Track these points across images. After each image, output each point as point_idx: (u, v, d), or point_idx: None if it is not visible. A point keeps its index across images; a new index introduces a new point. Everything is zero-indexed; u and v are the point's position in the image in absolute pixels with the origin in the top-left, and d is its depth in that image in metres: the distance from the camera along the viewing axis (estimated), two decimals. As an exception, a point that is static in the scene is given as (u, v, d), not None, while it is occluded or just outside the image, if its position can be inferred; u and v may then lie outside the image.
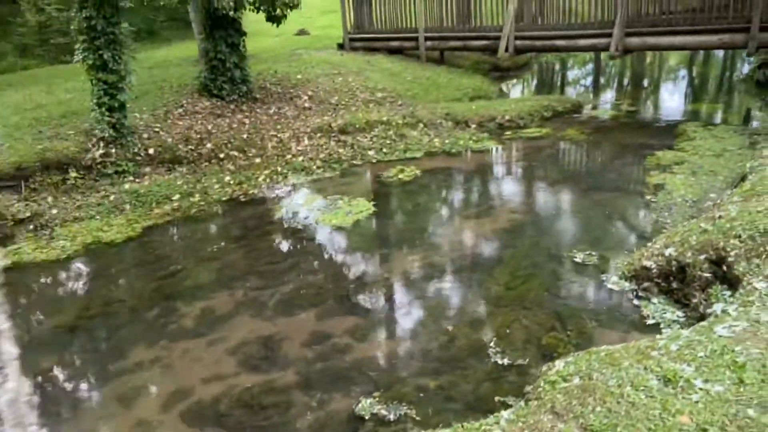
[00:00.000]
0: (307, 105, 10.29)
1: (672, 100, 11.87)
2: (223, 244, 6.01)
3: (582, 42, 11.89)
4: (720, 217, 4.54)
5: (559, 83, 14.87)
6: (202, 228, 6.49)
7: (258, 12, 9.57)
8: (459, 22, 13.31)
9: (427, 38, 13.60)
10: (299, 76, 11.40)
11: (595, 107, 10.97)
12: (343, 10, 14.41)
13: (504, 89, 13.11)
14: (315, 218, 6.43)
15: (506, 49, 12.56)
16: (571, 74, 15.64)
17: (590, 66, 16.35)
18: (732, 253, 4.04)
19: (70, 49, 10.22)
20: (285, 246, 5.93)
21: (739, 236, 4.11)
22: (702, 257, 4.22)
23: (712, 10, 10.65)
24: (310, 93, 10.67)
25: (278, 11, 9.21)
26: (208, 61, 9.40)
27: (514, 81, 14.59)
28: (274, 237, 6.13)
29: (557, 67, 16.49)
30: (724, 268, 4.03)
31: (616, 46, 11.28)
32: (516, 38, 12.48)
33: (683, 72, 15.22)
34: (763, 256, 3.87)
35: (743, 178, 5.85)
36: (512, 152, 8.48)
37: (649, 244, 4.86)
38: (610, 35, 11.29)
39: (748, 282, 3.74)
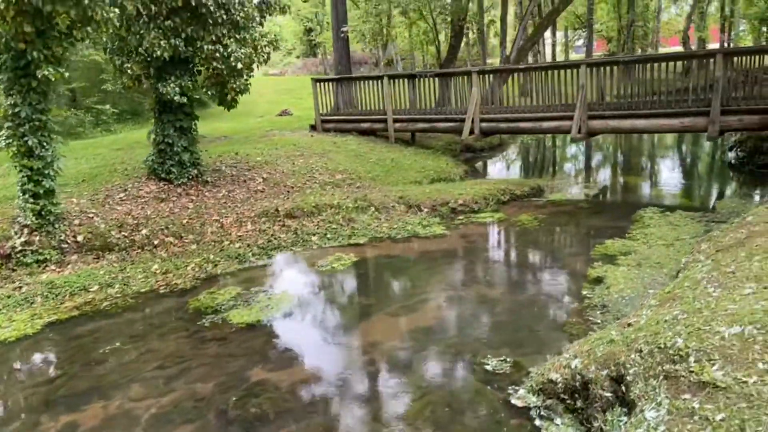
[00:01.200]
0: (260, 188, 10.11)
1: (639, 183, 11.63)
2: (118, 344, 5.58)
3: (546, 124, 11.83)
4: (629, 325, 4.10)
5: (528, 164, 14.73)
6: (106, 324, 6.08)
7: (210, 96, 9.58)
8: (427, 104, 13.38)
9: (395, 120, 13.66)
10: (259, 158, 11.32)
11: (557, 190, 10.71)
12: (314, 93, 14.60)
13: (470, 171, 12.94)
14: (226, 314, 6.02)
15: (472, 132, 12.53)
16: (544, 155, 15.52)
17: (566, 147, 16.29)
18: (631, 371, 3.57)
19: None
20: (183, 347, 5.48)
21: (641, 351, 3.65)
22: (604, 373, 3.75)
23: (672, 94, 10.60)
24: (265, 175, 10.53)
25: (228, 97, 9.19)
26: (156, 144, 9.32)
27: (484, 162, 14.48)
28: (175, 336, 5.70)
29: (532, 147, 16.45)
30: (623, 388, 3.56)
31: (578, 128, 11.18)
32: (482, 120, 12.47)
33: (658, 153, 15.09)
34: (660, 377, 3.39)
35: (677, 274, 5.44)
36: (457, 240, 8.13)
37: (563, 353, 4.40)
38: (572, 118, 11.22)
39: (641, 409, 3.26)
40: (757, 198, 9.16)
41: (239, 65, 8.78)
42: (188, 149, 9.45)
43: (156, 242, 8.11)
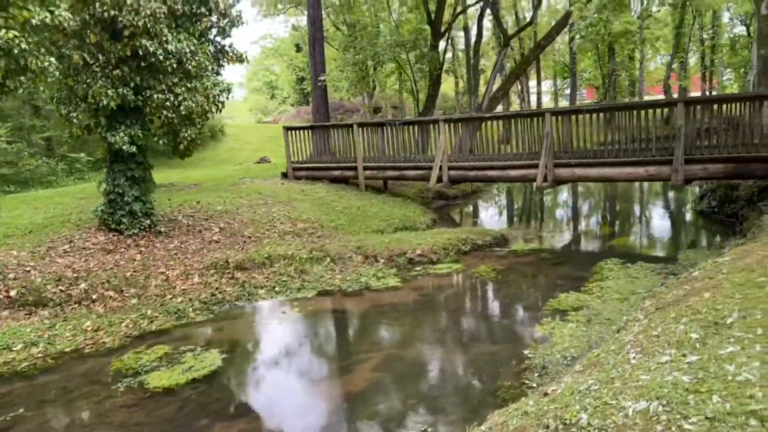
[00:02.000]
0: (215, 238, 9.84)
1: (607, 231, 11.39)
2: (22, 410, 5.19)
3: (513, 173, 11.67)
4: (546, 394, 3.77)
5: (499, 212, 14.53)
6: (20, 387, 5.69)
7: (163, 144, 9.43)
8: (396, 152, 13.27)
9: (366, 168, 13.52)
10: (220, 207, 11.09)
11: (522, 239, 10.45)
12: (286, 141, 14.52)
13: (438, 219, 12.72)
14: (145, 376, 5.64)
15: (440, 180, 12.37)
16: (517, 203, 15.32)
17: (542, 194, 16.13)
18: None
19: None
20: (89, 415, 5.10)
21: (548, 426, 3.31)
22: (512, 451, 3.41)
23: (637, 142, 10.49)
24: (222, 225, 10.28)
25: (181, 146, 9.04)
26: (107, 194, 9.10)
27: (454, 210, 14.29)
28: (85, 402, 5.32)
29: (507, 194, 16.30)
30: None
31: (544, 176, 11.02)
32: (450, 168, 12.33)
33: (637, 200, 14.93)
34: (557, 461, 3.05)
35: (618, 332, 5.12)
36: (410, 293, 7.81)
37: (483, 424, 4.05)
38: (538, 166, 11.08)
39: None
40: (720, 249, 8.89)
41: (192, 114, 8.66)
42: (140, 199, 9.23)
43: (95, 297, 7.78)
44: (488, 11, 20.54)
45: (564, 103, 43.03)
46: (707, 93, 29.45)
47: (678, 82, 29.69)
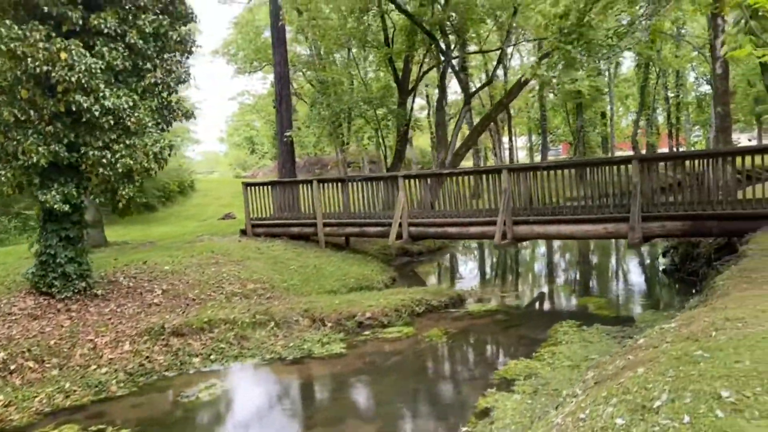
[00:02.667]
0: (156, 301, 9.32)
1: (569, 290, 11.09)
2: None
3: (473, 229, 11.44)
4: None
5: (462, 270, 14.20)
6: None
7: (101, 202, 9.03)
8: (357, 208, 13.00)
9: (326, 224, 13.21)
10: (167, 267, 10.60)
11: (480, 299, 10.05)
12: (245, 197, 14.22)
13: (399, 277, 12.35)
14: (38, 464, 5.06)
15: (400, 236, 12.08)
16: (482, 260, 15.01)
17: (508, 251, 15.86)
18: None
19: None
20: None
21: None
22: None
23: (595, 200, 10.35)
24: (166, 287, 9.78)
25: (120, 204, 8.65)
26: (38, 255, 8.60)
27: (418, 267, 13.94)
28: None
29: (472, 251, 16.02)
30: None
31: (503, 234, 10.78)
32: (410, 225, 12.06)
33: (603, 257, 14.73)
34: None
35: (557, 409, 4.70)
36: (353, 361, 7.33)
37: None
38: (502, 223, 10.85)
39: None
40: (679, 310, 8.59)
41: (131, 172, 8.32)
42: (75, 260, 8.73)
43: (13, 367, 7.16)
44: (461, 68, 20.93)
45: (540, 159, 43.58)
46: (674, 149, 30.02)
47: (646, 138, 30.26)
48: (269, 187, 14.39)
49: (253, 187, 14.43)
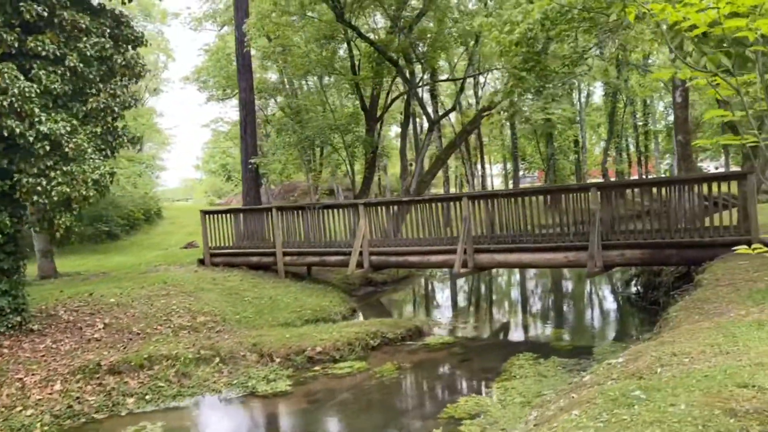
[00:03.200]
0: (97, 335, 8.82)
1: (530, 321, 10.85)
2: None
3: (434, 258, 11.19)
4: None
5: (424, 300, 13.90)
6: None
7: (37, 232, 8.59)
8: (318, 237, 12.67)
9: (285, 253, 12.84)
10: (113, 300, 10.11)
11: (438, 331, 9.73)
12: (203, 225, 13.83)
13: (359, 309, 12.01)
14: None
15: (361, 265, 11.77)
16: (447, 290, 14.71)
17: (476, 280, 15.62)
18: None
19: None
20: None
21: None
22: None
23: (556, 228, 10.19)
24: (109, 320, 9.29)
25: (58, 234, 8.22)
26: (-32, 289, 8.10)
27: (382, 297, 13.61)
28: None
29: (440, 280, 15.76)
30: None
31: (464, 262, 10.54)
32: (371, 254, 11.77)
33: (566, 287, 14.56)
34: None
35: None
36: (298, 400, 6.94)
37: None
38: (462, 252, 10.61)
39: None
40: (636, 342, 8.39)
41: (69, 200, 7.92)
42: (9, 293, 8.24)
43: (-73, 411, 6.63)
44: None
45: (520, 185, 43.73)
46: (642, 177, 30.39)
47: (615, 166, 30.61)
48: (230, 215, 14.02)
49: (211, 216, 14.04)
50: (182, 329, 9.45)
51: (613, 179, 30.50)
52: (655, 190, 10.09)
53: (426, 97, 24.10)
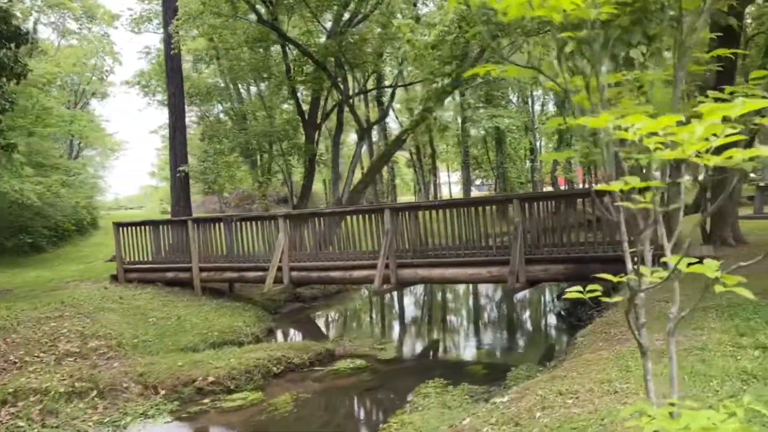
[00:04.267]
0: (-37, 366, 7.85)
1: (453, 342, 10.31)
2: None
3: (356, 273, 10.54)
4: None
5: (351, 318, 13.21)
6: None
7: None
8: (238, 251, 11.87)
9: (202, 269, 11.99)
10: (-5, 324, 9.12)
11: (351, 354, 8.96)
12: (116, 240, 12.88)
13: (277, 328, 11.26)
14: None
15: (280, 281, 11.03)
16: (378, 306, 14.03)
17: (413, 295, 15.02)
18: None
19: None
20: None
21: None
22: None
23: (477, 242, 9.67)
24: (-19, 348, 8.31)
25: None
26: None
27: (308, 314, 12.88)
28: None
29: (377, 296, 15.07)
30: None
31: (386, 278, 9.92)
32: (292, 269, 11.04)
33: (502, 303, 14.08)
34: None
35: None
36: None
37: None
38: (384, 267, 9.98)
39: None
40: (550, 364, 7.88)
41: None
42: None
43: None
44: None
45: (477, 194, 43.55)
46: (588, 186, 30.45)
47: (564, 174, 30.62)
48: (148, 227, 13.08)
49: (125, 228, 13.09)
50: (68, 356, 8.53)
51: (563, 188, 30.49)
52: (580, 201, 9.71)
53: (374, 104, 23.54)
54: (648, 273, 2.18)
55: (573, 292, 2.18)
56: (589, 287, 2.18)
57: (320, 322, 12.55)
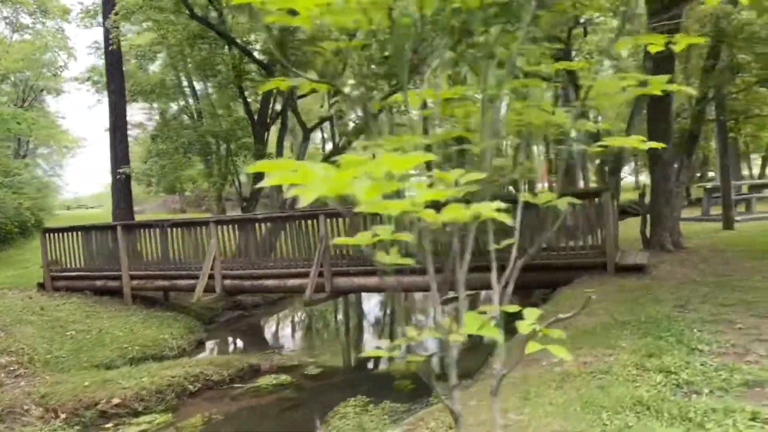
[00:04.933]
0: None
1: (393, 351, 9.92)
2: None
3: (291, 282, 10.12)
4: None
5: (292, 328, 12.79)
6: None
7: None
8: (173, 257, 11.32)
9: (133, 276, 11.41)
10: None
11: (278, 369, 8.49)
12: (43, 245, 12.21)
13: (208, 339, 10.78)
14: None
15: (212, 290, 10.55)
16: (320, 315, 13.52)
17: (371, 301, 14.59)
18: None
19: None
20: None
21: None
22: None
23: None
24: None
25: None
26: None
27: (248, 322, 12.40)
28: None
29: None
30: None
31: (321, 286, 9.55)
32: (225, 277, 10.56)
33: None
34: None
35: None
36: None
37: None
38: (318, 275, 9.59)
39: None
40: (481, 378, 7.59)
41: None
42: None
43: None
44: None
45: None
46: (550, 185, 30.52)
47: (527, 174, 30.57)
48: (78, 232, 12.41)
49: (54, 234, 12.42)
50: (-30, 375, 7.92)
51: (525, 186, 30.47)
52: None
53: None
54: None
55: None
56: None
57: (257, 333, 12.07)
